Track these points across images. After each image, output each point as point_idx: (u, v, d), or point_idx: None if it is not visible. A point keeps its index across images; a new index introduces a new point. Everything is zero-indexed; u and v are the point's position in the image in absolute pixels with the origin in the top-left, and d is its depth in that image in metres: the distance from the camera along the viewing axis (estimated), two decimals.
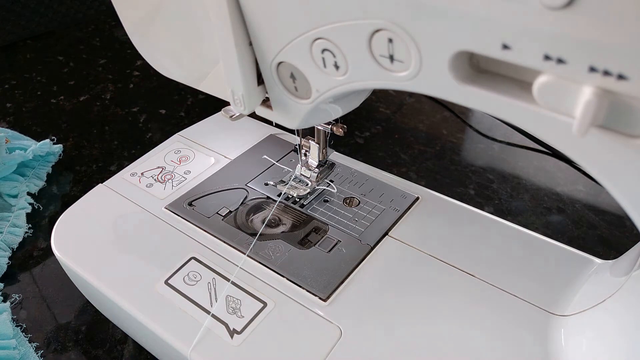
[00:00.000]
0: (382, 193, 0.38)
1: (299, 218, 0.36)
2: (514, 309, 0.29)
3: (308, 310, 0.30)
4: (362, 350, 0.28)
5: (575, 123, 0.16)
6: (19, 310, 0.39)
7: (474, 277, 0.31)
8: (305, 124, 0.28)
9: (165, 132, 0.57)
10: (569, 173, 0.51)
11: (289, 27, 0.22)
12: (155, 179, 0.40)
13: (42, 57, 0.73)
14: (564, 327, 0.28)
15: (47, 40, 0.77)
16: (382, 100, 0.63)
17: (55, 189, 0.50)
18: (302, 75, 0.24)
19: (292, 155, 0.42)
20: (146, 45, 0.31)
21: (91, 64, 0.71)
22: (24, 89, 0.66)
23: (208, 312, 0.29)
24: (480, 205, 0.47)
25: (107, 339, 0.37)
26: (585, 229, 0.45)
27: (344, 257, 0.33)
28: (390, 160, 0.53)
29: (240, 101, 0.27)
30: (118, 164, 0.53)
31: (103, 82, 0.67)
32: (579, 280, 0.30)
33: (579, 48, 0.15)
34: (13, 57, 0.73)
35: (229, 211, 0.36)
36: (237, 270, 0.32)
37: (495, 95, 0.19)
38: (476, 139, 0.56)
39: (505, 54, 0.17)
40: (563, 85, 0.16)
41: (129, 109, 0.62)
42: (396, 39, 0.19)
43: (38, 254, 0.44)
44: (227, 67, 0.25)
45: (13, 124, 0.59)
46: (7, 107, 0.62)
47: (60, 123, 0.60)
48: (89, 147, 0.56)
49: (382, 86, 0.22)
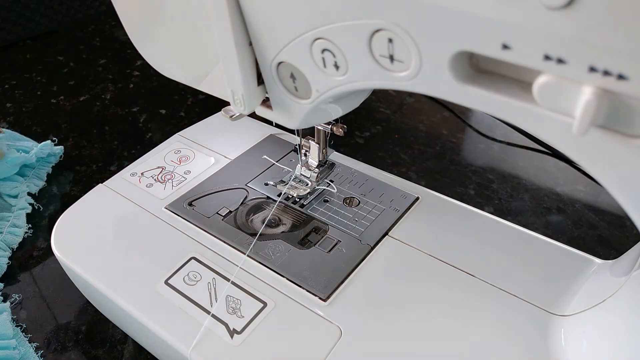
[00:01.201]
0: (382, 193, 0.38)
1: (299, 218, 0.36)
2: (514, 309, 0.30)
3: (308, 310, 0.30)
4: (362, 350, 0.28)
5: (575, 123, 0.16)
6: (19, 310, 0.39)
7: (474, 277, 0.31)
8: (305, 124, 0.28)
9: (165, 132, 0.57)
10: (569, 173, 0.51)
11: (289, 27, 0.22)
12: (155, 179, 0.40)
13: (42, 57, 0.73)
14: (564, 327, 0.28)
15: (47, 40, 0.77)
16: (382, 100, 0.63)
17: (55, 189, 0.50)
18: (302, 75, 0.24)
19: (292, 155, 0.42)
20: (146, 45, 0.31)
21: (91, 64, 0.71)
22: (24, 89, 0.66)
23: (208, 312, 0.29)
24: (480, 205, 0.47)
25: (107, 339, 0.37)
26: (585, 229, 0.45)
27: (344, 257, 0.33)
28: (390, 160, 0.53)
29: (240, 101, 0.27)
30: (118, 164, 0.53)
31: (103, 82, 0.67)
32: (579, 280, 0.30)
33: (579, 48, 0.15)
34: (13, 57, 0.73)
35: (229, 211, 0.36)
36: (237, 270, 0.32)
37: (495, 95, 0.19)
38: (476, 139, 0.56)
39: (505, 54, 0.17)
40: (563, 85, 0.16)
41: (129, 109, 0.62)
42: (396, 39, 0.19)
43: (38, 254, 0.44)
44: (227, 67, 0.25)
45: (13, 124, 0.59)
46: (7, 107, 0.62)
47: (61, 123, 0.60)
48: (89, 147, 0.56)
49: (382, 86, 0.22)
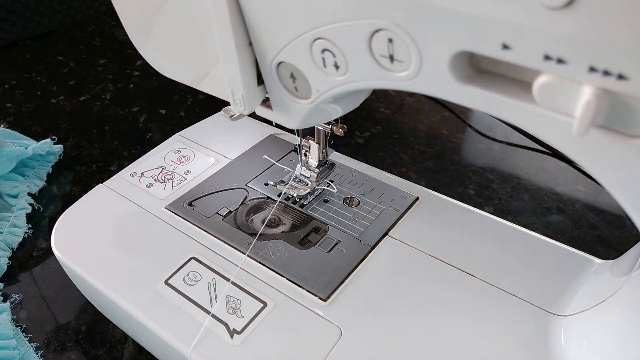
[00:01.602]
0: (382, 193, 0.38)
1: (299, 218, 0.36)
2: (514, 309, 0.29)
3: (308, 310, 0.30)
4: (362, 350, 0.28)
5: (575, 123, 0.16)
6: (19, 310, 0.39)
7: (474, 277, 0.31)
8: (305, 124, 0.28)
9: (165, 132, 0.57)
10: (569, 173, 0.51)
11: (289, 27, 0.22)
12: (155, 179, 0.40)
13: (42, 57, 0.73)
14: (564, 327, 0.28)
15: (47, 40, 0.77)
16: (382, 100, 0.63)
17: (55, 189, 0.50)
18: (302, 75, 0.24)
19: (292, 155, 0.42)
20: (146, 45, 0.31)
21: (91, 64, 0.71)
22: (24, 89, 0.66)
23: (208, 312, 0.29)
24: (480, 205, 0.47)
25: (107, 339, 0.37)
26: (585, 229, 0.45)
27: (344, 257, 0.33)
28: (390, 160, 0.53)
29: (240, 101, 0.27)
30: (118, 164, 0.53)
31: (103, 82, 0.67)
32: (579, 280, 0.30)
33: (579, 48, 0.15)
34: (13, 57, 0.73)
35: (229, 211, 0.36)
36: (237, 270, 0.32)
37: (495, 95, 0.19)
38: (476, 139, 0.56)
39: (505, 54, 0.17)
40: (563, 85, 0.16)
41: (129, 109, 0.62)
42: (396, 39, 0.19)
43: (38, 254, 0.44)
44: (227, 67, 0.25)
45: (13, 124, 0.59)
46: (7, 107, 0.62)
47: (60, 123, 0.60)
48: (89, 147, 0.56)
49: (382, 86, 0.22)
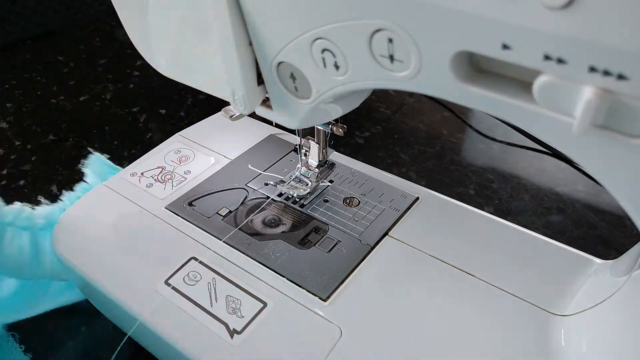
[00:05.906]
0: (382, 193, 0.38)
1: (299, 218, 0.36)
2: (514, 309, 0.29)
3: (308, 310, 0.30)
4: (362, 350, 0.28)
5: (575, 123, 0.16)
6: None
7: (474, 277, 0.31)
8: (305, 124, 0.28)
9: (165, 132, 0.57)
10: (569, 173, 0.51)
11: (289, 27, 0.22)
12: (155, 179, 0.40)
13: (42, 57, 0.73)
14: (564, 327, 0.28)
15: (47, 40, 0.77)
16: (382, 100, 0.63)
17: (55, 189, 0.50)
18: (302, 75, 0.24)
19: (292, 155, 0.42)
20: (146, 45, 0.31)
21: (91, 64, 0.71)
22: (24, 89, 0.66)
23: (208, 312, 0.29)
24: (480, 205, 0.47)
25: (107, 339, 0.37)
26: (585, 229, 0.45)
27: (344, 257, 0.33)
28: (390, 160, 0.53)
29: (240, 101, 0.27)
30: (118, 164, 0.53)
31: (103, 82, 0.67)
32: (579, 280, 0.30)
33: (579, 48, 0.15)
34: (13, 57, 0.73)
35: (229, 211, 0.36)
36: (237, 270, 0.32)
37: (495, 95, 0.19)
38: (476, 139, 0.56)
39: (505, 54, 0.17)
40: (563, 85, 0.16)
41: (129, 109, 0.62)
42: (396, 39, 0.19)
43: None
44: (227, 67, 0.25)
45: (13, 124, 0.59)
46: (7, 107, 0.62)
47: (60, 123, 0.60)
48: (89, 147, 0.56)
49: (382, 86, 0.22)
